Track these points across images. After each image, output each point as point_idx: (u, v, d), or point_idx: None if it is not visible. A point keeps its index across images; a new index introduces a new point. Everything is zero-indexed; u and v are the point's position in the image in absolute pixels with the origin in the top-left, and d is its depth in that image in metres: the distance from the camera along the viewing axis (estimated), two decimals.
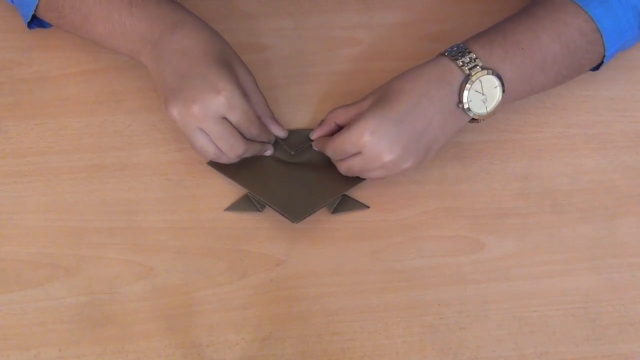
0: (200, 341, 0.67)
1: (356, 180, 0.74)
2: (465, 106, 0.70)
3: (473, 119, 0.72)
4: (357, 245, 0.72)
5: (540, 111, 0.81)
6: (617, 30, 0.74)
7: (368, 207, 0.74)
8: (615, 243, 0.73)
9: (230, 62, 0.72)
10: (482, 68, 0.70)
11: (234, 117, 0.69)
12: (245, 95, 0.71)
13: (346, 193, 0.74)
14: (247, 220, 0.73)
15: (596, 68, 0.78)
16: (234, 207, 0.73)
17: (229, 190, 0.74)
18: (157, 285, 0.69)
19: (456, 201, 0.75)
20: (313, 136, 0.76)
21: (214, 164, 0.75)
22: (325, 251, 0.72)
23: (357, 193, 0.75)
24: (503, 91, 0.71)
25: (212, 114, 0.68)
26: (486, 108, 0.71)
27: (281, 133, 0.76)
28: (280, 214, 0.72)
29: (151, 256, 0.71)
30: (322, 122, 0.76)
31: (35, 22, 0.80)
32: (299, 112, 0.80)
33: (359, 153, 0.70)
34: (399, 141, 0.69)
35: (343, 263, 0.71)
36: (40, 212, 0.72)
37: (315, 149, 0.76)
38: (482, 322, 0.68)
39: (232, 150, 0.70)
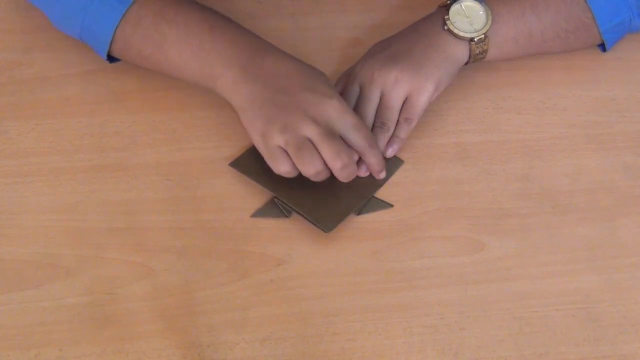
0: (201, 341, 0.67)
1: (380, 182, 0.74)
2: (449, 26, 0.75)
3: (475, 50, 0.76)
4: (357, 245, 0.72)
5: (540, 112, 0.81)
6: (609, 5, 0.77)
7: (392, 205, 0.74)
8: (616, 243, 0.73)
9: (324, 89, 0.72)
10: None
11: (347, 120, 0.69)
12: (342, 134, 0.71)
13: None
14: (247, 220, 0.73)
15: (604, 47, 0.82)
16: (260, 212, 0.73)
17: (230, 190, 0.74)
18: (158, 286, 0.69)
19: (457, 201, 0.75)
20: None
21: (236, 165, 0.75)
22: (325, 251, 0.71)
23: None
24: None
25: (325, 119, 0.68)
26: (474, 27, 0.76)
27: (379, 176, 0.74)
28: (312, 223, 0.72)
29: (151, 256, 0.71)
30: None
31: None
32: None
33: (363, 97, 0.75)
34: (385, 57, 0.75)
35: (343, 263, 0.71)
36: (41, 212, 0.72)
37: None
38: (482, 322, 0.68)
39: (338, 161, 0.68)
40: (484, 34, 0.75)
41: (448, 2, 0.77)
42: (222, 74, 0.72)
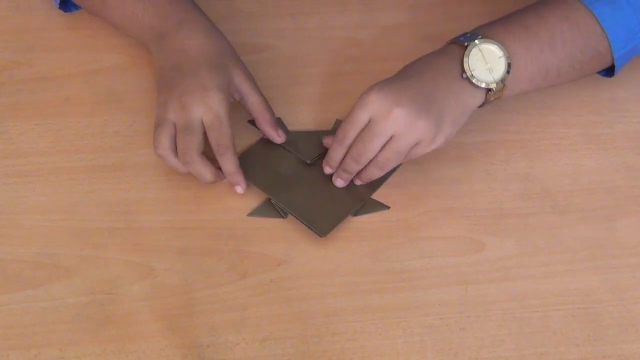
0: (201, 341, 0.67)
1: (377, 183, 0.74)
2: (468, 74, 0.70)
3: (491, 97, 0.71)
4: (357, 245, 0.72)
5: (541, 111, 0.81)
6: (625, 31, 0.74)
7: (389, 207, 0.74)
8: (616, 243, 0.73)
9: (226, 64, 0.73)
10: (482, 37, 0.71)
11: (208, 118, 0.70)
12: (242, 97, 0.74)
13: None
14: (247, 220, 0.73)
15: (610, 73, 0.78)
16: (257, 212, 0.73)
17: (230, 190, 0.74)
18: (158, 286, 0.69)
19: (457, 202, 0.75)
20: (325, 141, 0.75)
21: None
22: (325, 251, 0.71)
23: None
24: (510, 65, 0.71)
25: (191, 110, 0.70)
26: (493, 77, 0.71)
27: (277, 139, 0.75)
28: (307, 226, 0.72)
29: (151, 256, 0.71)
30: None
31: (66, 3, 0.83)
32: (299, 113, 0.80)
33: (373, 132, 0.68)
34: (406, 94, 0.68)
35: (343, 263, 0.71)
36: (41, 213, 0.72)
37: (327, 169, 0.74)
38: (482, 322, 0.68)
39: (185, 153, 0.70)
40: (503, 84, 0.71)
41: (463, 41, 0.72)
42: (149, 41, 0.76)
